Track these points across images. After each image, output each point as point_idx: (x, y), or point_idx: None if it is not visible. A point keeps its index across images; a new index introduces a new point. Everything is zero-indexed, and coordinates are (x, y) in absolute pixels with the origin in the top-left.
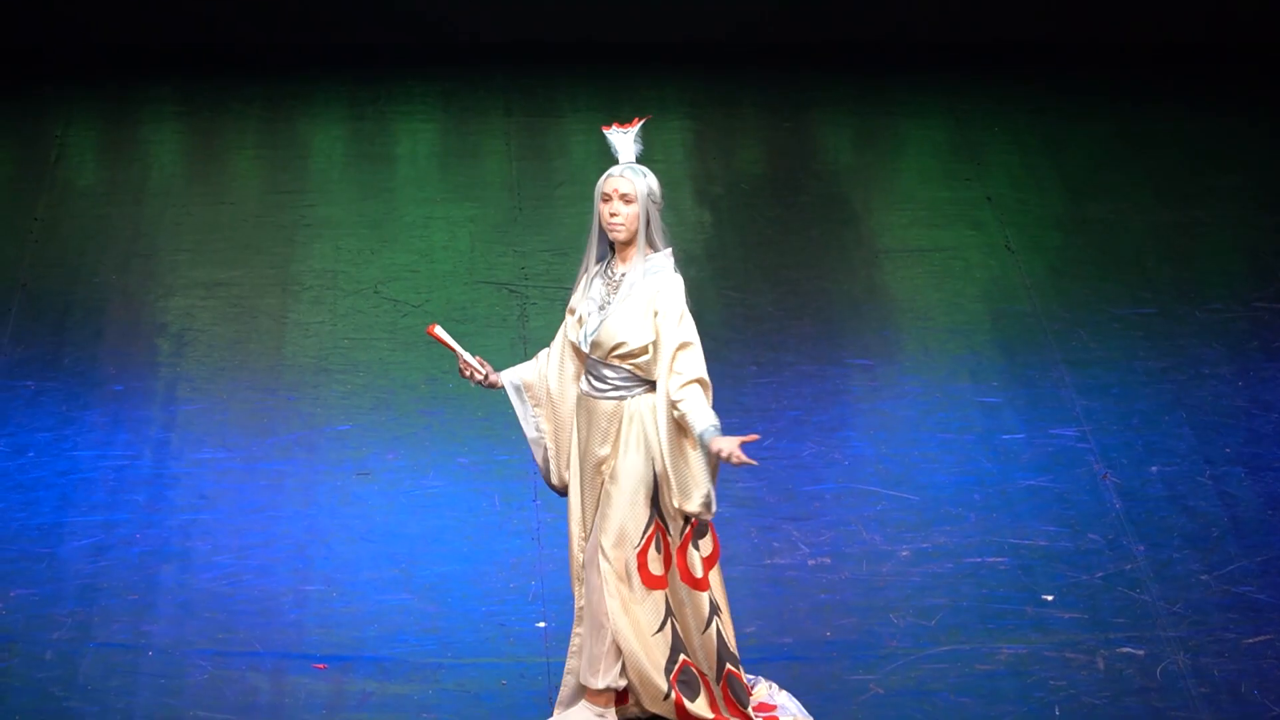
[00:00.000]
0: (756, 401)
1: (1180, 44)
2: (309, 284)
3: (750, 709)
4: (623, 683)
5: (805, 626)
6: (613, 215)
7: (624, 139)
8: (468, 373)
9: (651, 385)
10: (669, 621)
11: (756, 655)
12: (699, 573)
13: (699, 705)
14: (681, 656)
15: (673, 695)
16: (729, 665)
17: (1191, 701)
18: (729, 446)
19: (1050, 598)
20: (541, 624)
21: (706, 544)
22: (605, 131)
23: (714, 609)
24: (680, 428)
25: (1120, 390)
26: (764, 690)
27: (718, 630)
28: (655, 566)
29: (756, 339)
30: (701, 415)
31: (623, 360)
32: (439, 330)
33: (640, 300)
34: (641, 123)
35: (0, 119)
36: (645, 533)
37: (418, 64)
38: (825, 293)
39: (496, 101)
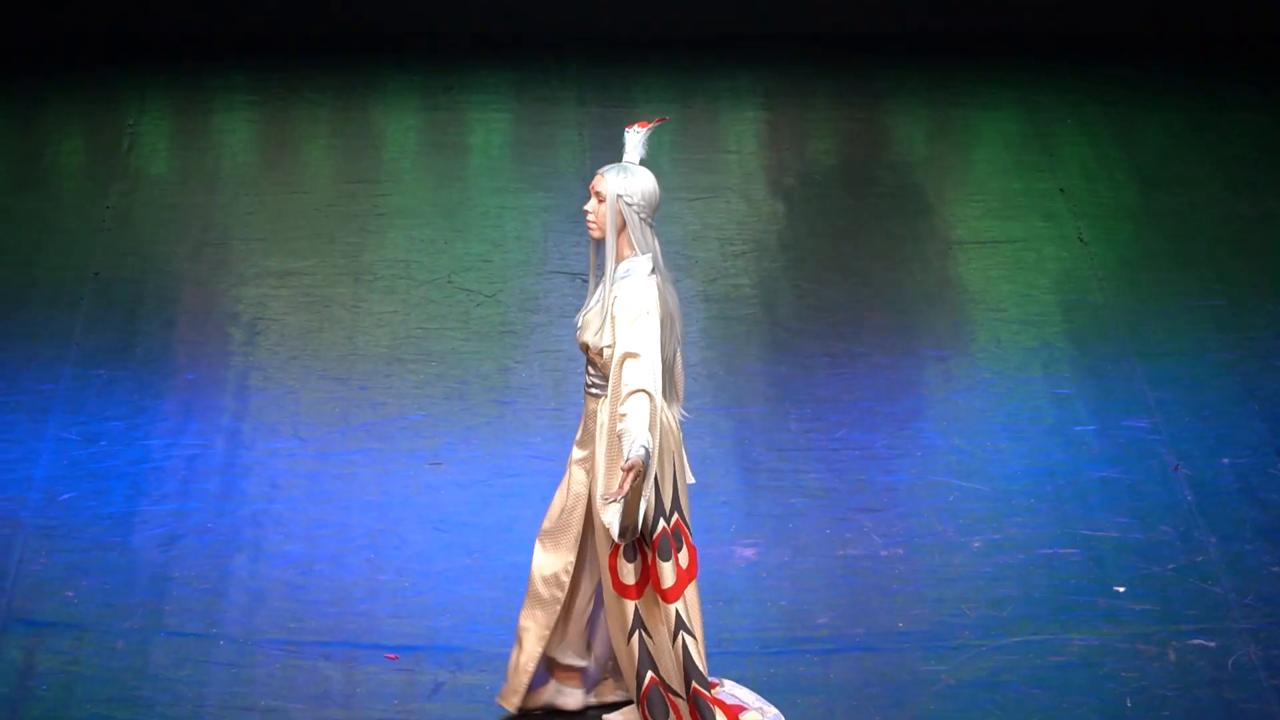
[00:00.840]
0: (829, 392)
1: (1254, 34)
2: (381, 273)
3: None
4: (581, 663)
5: (878, 617)
6: (586, 211)
7: (633, 138)
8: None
9: None
10: (636, 633)
11: (829, 646)
12: (667, 583)
13: None
14: (649, 674)
15: (640, 708)
16: (695, 684)
17: (1263, 693)
18: (623, 477)
19: (1122, 589)
20: None
21: (683, 558)
22: (626, 130)
23: (680, 624)
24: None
25: (1191, 382)
26: (727, 693)
27: (684, 646)
28: (626, 575)
29: (829, 330)
30: (633, 435)
31: (594, 359)
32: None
33: (607, 303)
34: (656, 124)
35: (73, 106)
36: (612, 540)
37: (491, 54)
38: (898, 284)
39: (570, 92)
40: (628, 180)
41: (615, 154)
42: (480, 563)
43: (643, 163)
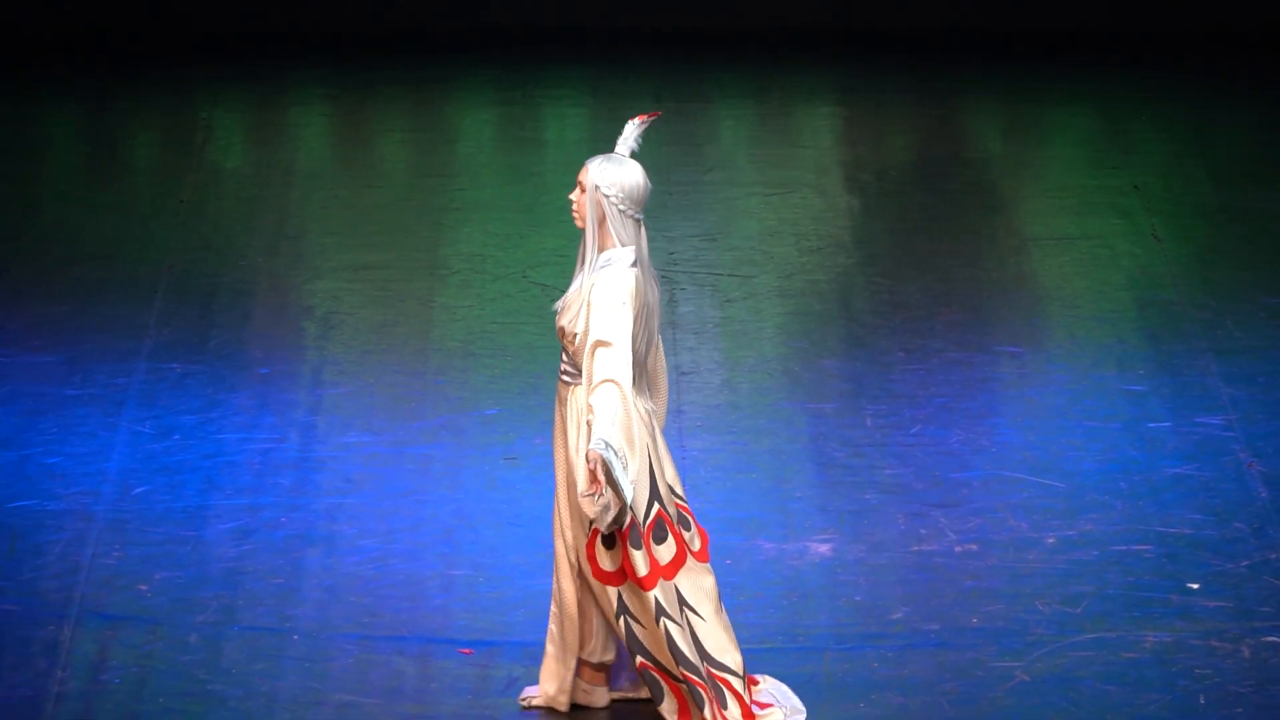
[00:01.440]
0: (904, 388)
1: None
2: (457, 268)
3: (710, 715)
4: (609, 658)
5: (952, 613)
6: (570, 200)
7: (628, 129)
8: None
9: None
10: (623, 617)
11: (903, 642)
12: (641, 571)
13: (666, 709)
14: (639, 658)
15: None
16: (685, 670)
17: None
18: (584, 470)
19: (1196, 586)
20: None
21: (664, 550)
22: (629, 121)
23: (660, 610)
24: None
25: (1267, 379)
26: (766, 691)
27: (667, 631)
28: (606, 562)
29: (904, 326)
30: (599, 426)
31: (567, 346)
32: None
33: (584, 291)
34: (651, 118)
35: (148, 100)
36: (589, 527)
37: (568, 48)
38: (973, 280)
39: (646, 87)
40: (608, 172)
41: (691, 149)
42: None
43: (634, 156)
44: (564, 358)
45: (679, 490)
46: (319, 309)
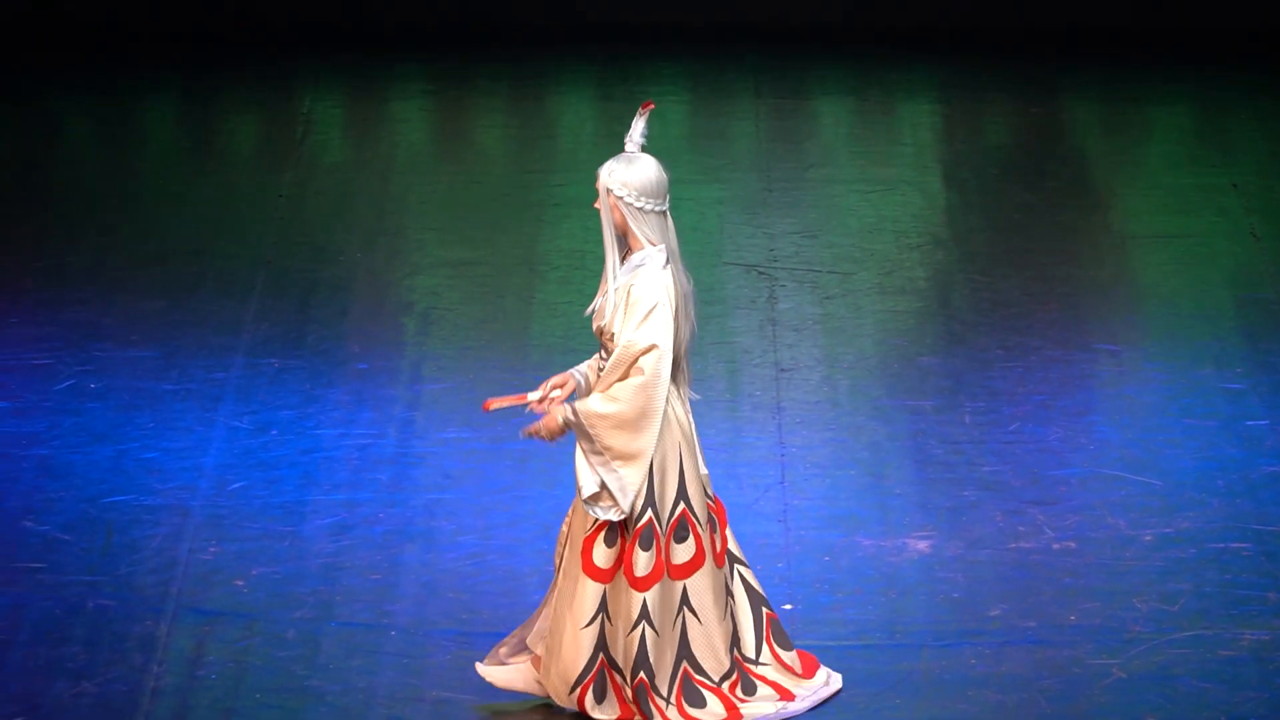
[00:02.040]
0: (1003, 385)
1: None
2: (556, 264)
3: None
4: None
5: (1050, 610)
6: (596, 208)
7: (634, 124)
8: (544, 406)
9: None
10: (599, 618)
11: (1001, 639)
12: (640, 571)
13: (604, 710)
14: (600, 656)
15: (576, 693)
16: (643, 675)
17: None
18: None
19: None
20: (788, 606)
21: (687, 548)
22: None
23: (644, 615)
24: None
25: None
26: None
27: (642, 636)
28: (601, 559)
29: (1003, 323)
30: (580, 409)
31: (607, 345)
32: (495, 405)
33: (620, 294)
34: (645, 111)
35: (247, 94)
36: (595, 520)
37: (668, 44)
38: (1071, 278)
39: (746, 83)
40: (619, 173)
41: (791, 145)
42: None
43: (645, 150)
44: (602, 355)
45: (710, 490)
46: (418, 304)
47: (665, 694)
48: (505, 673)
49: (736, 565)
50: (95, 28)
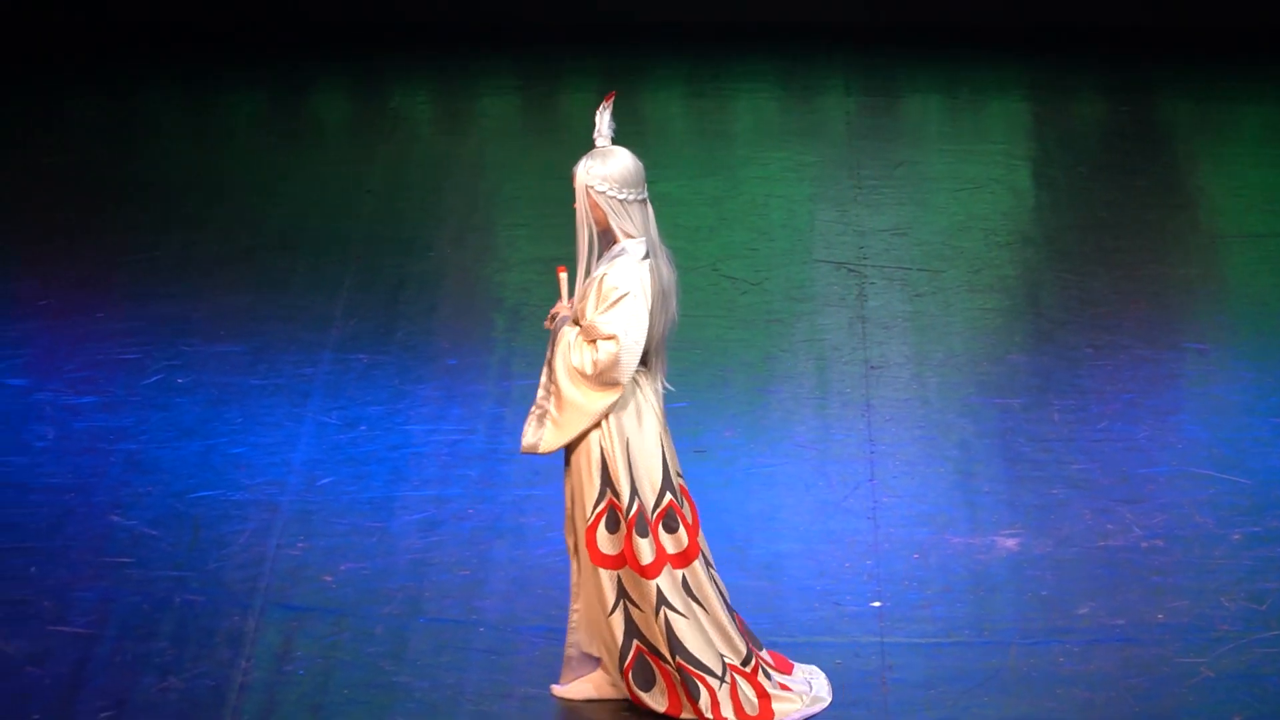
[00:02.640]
0: (1092, 384)
1: None
2: None
3: (705, 705)
4: (595, 650)
5: (1137, 608)
6: (574, 208)
7: (598, 120)
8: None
9: None
10: (621, 603)
11: (1089, 637)
12: (645, 559)
13: (653, 696)
14: (635, 643)
15: (623, 682)
16: (680, 659)
17: None
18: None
19: None
20: (876, 603)
21: (676, 540)
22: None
23: (661, 599)
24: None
25: None
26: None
27: (666, 620)
28: (606, 545)
29: (1092, 322)
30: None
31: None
32: (564, 276)
33: (594, 278)
34: (607, 101)
35: (337, 91)
36: (596, 508)
37: (759, 42)
38: (1161, 276)
39: (836, 80)
40: (594, 169)
41: (881, 143)
42: (743, 551)
43: (615, 142)
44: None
45: (681, 479)
46: (507, 301)
47: (718, 673)
48: (581, 687)
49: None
50: (186, 23)
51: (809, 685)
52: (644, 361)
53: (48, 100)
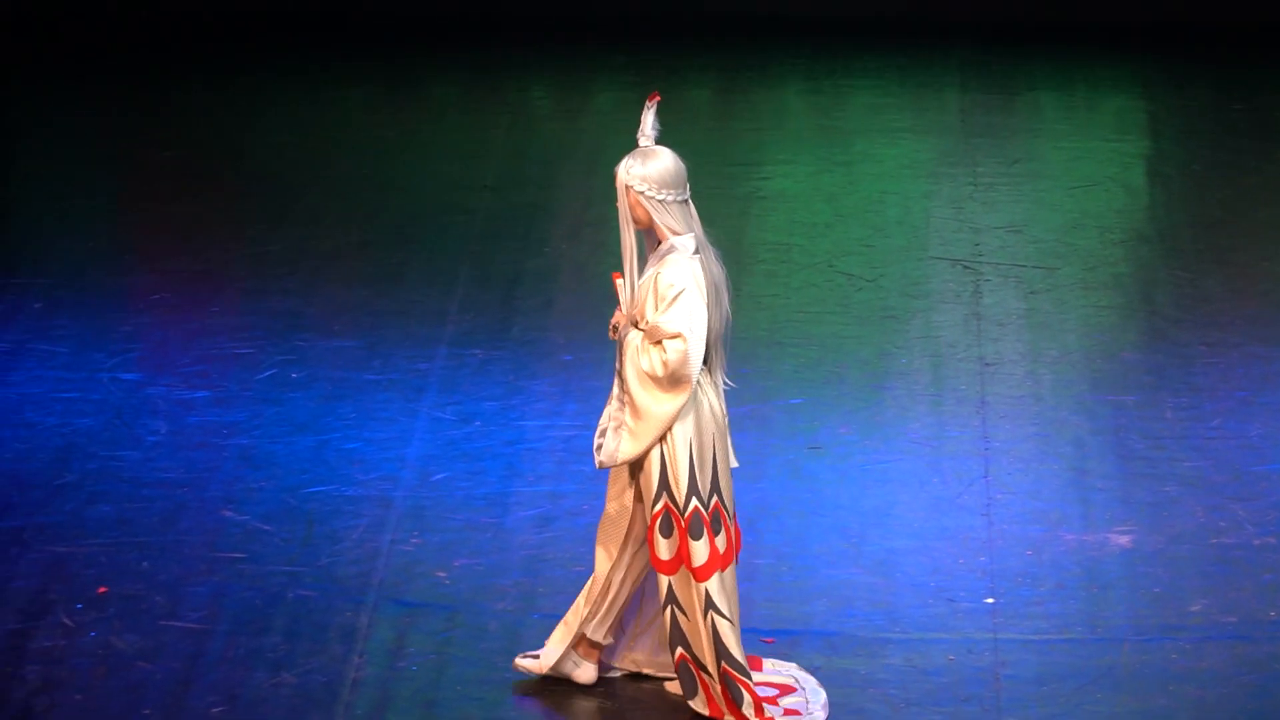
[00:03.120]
0: (1205, 381)
1: None
2: (762, 257)
3: (749, 710)
4: (607, 640)
5: (1250, 606)
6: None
7: (644, 118)
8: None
9: None
10: (670, 608)
11: (1201, 634)
12: (698, 561)
13: (696, 703)
14: (679, 650)
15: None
16: (725, 664)
17: None
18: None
19: None
20: (990, 600)
21: (720, 541)
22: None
23: (710, 604)
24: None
25: None
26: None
27: (714, 625)
28: (662, 550)
29: (1205, 320)
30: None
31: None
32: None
33: (648, 280)
34: (652, 103)
35: (453, 86)
36: (652, 510)
37: (876, 39)
38: (1274, 275)
39: (952, 78)
40: (635, 169)
41: (997, 141)
42: (857, 547)
43: (658, 141)
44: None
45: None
46: None
47: (751, 690)
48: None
49: None
50: (301, 14)
51: (795, 680)
52: (704, 360)
53: (162, 93)
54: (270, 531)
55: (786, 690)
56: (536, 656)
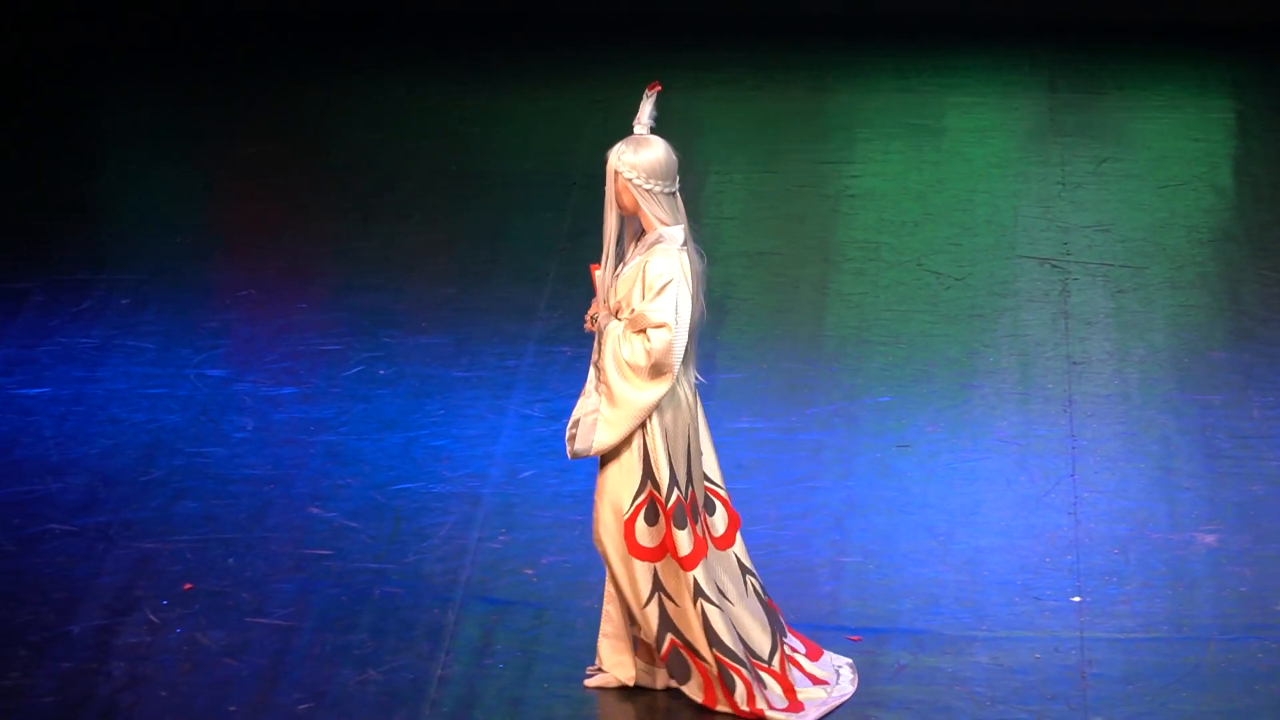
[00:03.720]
0: None
1: None
2: (851, 255)
3: (741, 698)
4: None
5: None
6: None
7: (643, 108)
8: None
9: None
10: (657, 596)
11: None
12: (684, 550)
13: (690, 689)
14: (669, 636)
15: (661, 671)
16: (717, 651)
17: None
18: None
19: None
20: (1076, 598)
21: (700, 530)
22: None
23: (699, 591)
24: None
25: None
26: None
27: (704, 612)
28: (645, 538)
29: None
30: (616, 344)
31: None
32: (597, 274)
33: (634, 268)
34: (652, 93)
35: (543, 84)
36: (635, 500)
37: (966, 38)
38: None
39: (1041, 77)
40: (627, 156)
41: (1086, 140)
42: (944, 545)
43: (654, 131)
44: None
45: (714, 475)
46: (713, 294)
47: (749, 665)
48: (607, 678)
49: (747, 576)
50: (389, 13)
51: (836, 675)
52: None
53: (250, 89)
54: (357, 528)
55: (820, 683)
56: (602, 671)
